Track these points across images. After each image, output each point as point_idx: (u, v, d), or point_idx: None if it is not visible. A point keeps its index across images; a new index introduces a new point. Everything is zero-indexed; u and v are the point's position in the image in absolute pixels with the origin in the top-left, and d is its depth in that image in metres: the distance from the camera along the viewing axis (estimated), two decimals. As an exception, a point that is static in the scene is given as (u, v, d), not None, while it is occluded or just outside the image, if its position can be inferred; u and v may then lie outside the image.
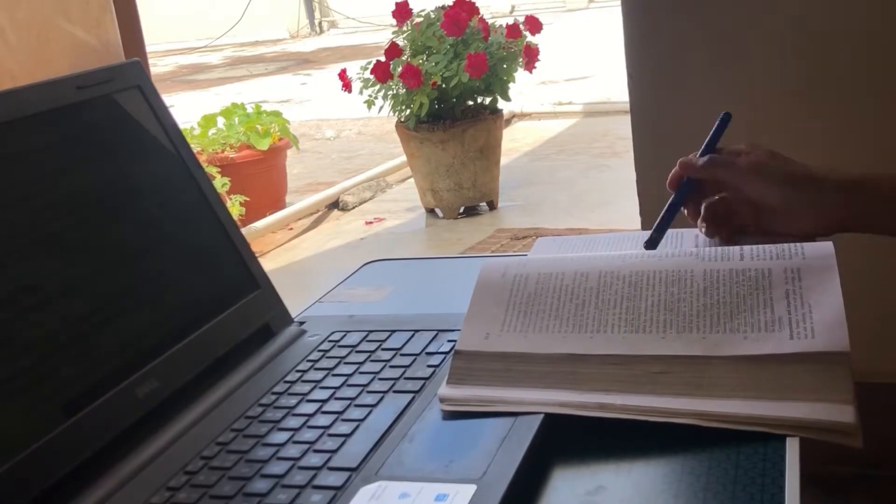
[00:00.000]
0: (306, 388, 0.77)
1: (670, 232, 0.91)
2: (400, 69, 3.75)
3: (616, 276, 0.75)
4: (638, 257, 0.77)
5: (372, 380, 0.77)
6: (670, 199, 0.90)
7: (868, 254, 1.16)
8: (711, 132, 0.92)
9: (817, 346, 0.65)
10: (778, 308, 0.69)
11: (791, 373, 0.64)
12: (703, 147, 0.91)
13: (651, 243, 0.87)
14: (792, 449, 0.61)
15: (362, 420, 0.71)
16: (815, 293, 0.69)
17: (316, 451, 0.67)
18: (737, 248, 0.76)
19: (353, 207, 4.38)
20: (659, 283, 0.73)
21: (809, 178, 0.86)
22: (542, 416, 0.67)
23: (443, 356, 0.79)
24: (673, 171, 0.91)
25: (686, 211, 0.90)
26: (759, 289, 0.71)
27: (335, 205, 4.42)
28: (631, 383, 0.67)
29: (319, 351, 0.84)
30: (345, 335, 0.86)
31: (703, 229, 0.89)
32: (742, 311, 0.69)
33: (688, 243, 0.90)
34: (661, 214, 0.89)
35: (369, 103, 3.94)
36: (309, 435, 0.69)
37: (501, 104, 3.98)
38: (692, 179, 0.90)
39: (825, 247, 0.74)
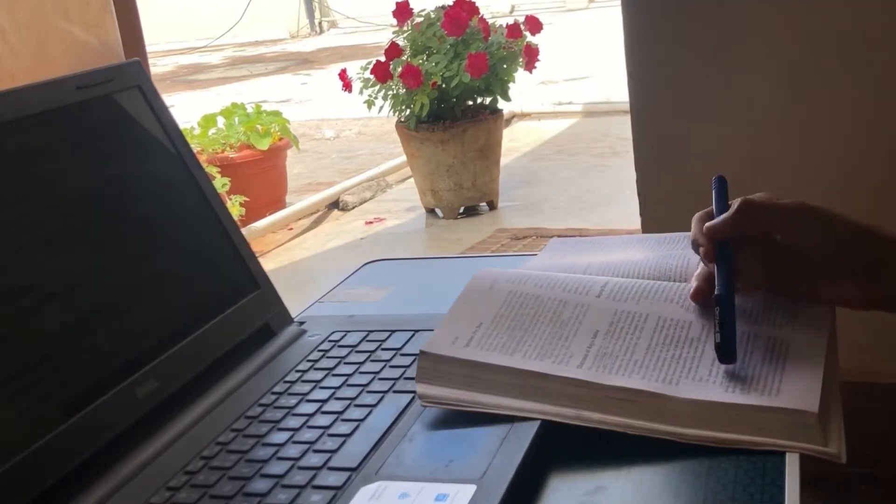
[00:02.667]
0: (306, 388, 0.77)
1: (679, 236, 0.88)
2: (400, 69, 3.75)
3: (601, 312, 0.74)
4: (628, 295, 0.75)
5: (372, 380, 0.77)
6: (718, 281, 0.71)
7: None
8: (715, 200, 0.77)
9: (782, 403, 0.63)
10: (752, 369, 0.67)
11: (758, 417, 0.63)
12: (715, 212, 0.76)
13: (728, 357, 0.67)
14: (792, 449, 0.61)
15: (362, 420, 0.71)
16: (795, 360, 0.67)
17: (316, 451, 0.67)
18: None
19: (353, 207, 4.38)
20: (639, 327, 0.72)
21: (867, 232, 0.72)
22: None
23: (443, 356, 0.79)
24: (699, 243, 0.73)
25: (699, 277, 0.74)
26: (739, 349, 0.68)
27: (335, 205, 4.42)
28: (598, 404, 0.66)
29: (319, 351, 0.84)
30: (345, 335, 0.86)
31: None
32: (715, 364, 0.67)
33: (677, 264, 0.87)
34: (721, 314, 0.69)
35: (369, 103, 3.94)
36: (309, 435, 0.69)
37: (501, 104, 3.98)
38: (727, 243, 0.72)
39: (820, 321, 0.71)
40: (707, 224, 0.73)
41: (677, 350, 0.70)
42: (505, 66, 3.84)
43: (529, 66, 3.89)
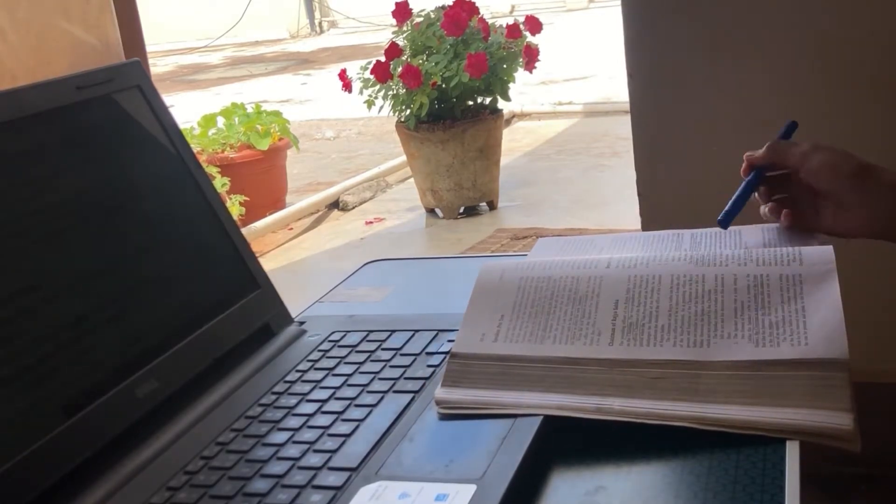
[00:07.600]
0: (306, 388, 0.77)
1: (668, 233, 0.90)
2: (400, 69, 3.75)
3: (615, 281, 0.74)
4: (635, 262, 0.77)
5: (372, 380, 0.77)
6: (743, 182, 0.91)
7: (868, 253, 1.16)
8: (779, 136, 0.94)
9: (813, 353, 0.64)
10: (775, 315, 0.68)
11: (787, 379, 0.64)
12: None
13: (724, 222, 0.87)
14: (792, 449, 0.61)
15: (362, 420, 0.71)
16: (813, 300, 0.69)
17: (316, 451, 0.67)
18: (735, 252, 0.76)
19: (353, 207, 4.38)
20: (656, 289, 0.73)
21: (869, 171, 0.84)
22: (542, 416, 0.67)
23: (443, 356, 0.79)
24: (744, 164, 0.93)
25: (757, 195, 0.91)
26: (757, 295, 0.70)
27: (335, 205, 4.42)
28: (628, 388, 0.67)
29: (319, 351, 0.84)
30: (345, 335, 0.86)
31: (766, 214, 0.90)
32: (739, 316, 0.69)
33: (685, 244, 0.89)
34: (735, 195, 0.89)
35: (369, 103, 3.94)
36: (309, 435, 0.69)
37: (501, 104, 3.98)
38: (760, 169, 0.90)
39: (824, 252, 0.73)
40: (748, 153, 0.91)
41: (698, 305, 0.71)
42: (505, 66, 3.84)
43: (529, 66, 3.89)
